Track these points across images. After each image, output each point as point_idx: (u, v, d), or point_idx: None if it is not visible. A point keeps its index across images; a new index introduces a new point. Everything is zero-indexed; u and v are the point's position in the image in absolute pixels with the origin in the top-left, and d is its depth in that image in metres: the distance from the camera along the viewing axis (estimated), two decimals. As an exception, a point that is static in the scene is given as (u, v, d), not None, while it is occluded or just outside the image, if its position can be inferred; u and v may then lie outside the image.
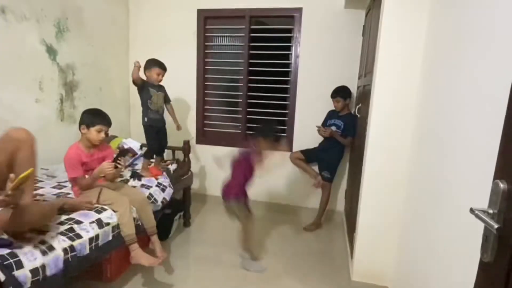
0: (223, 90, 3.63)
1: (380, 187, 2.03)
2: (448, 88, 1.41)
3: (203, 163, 3.69)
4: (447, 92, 1.41)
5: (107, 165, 1.97)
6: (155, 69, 2.65)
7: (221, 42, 3.58)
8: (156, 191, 2.39)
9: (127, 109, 3.79)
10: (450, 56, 1.43)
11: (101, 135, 2.03)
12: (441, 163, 1.39)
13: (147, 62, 2.61)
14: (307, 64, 3.30)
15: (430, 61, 1.72)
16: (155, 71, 2.65)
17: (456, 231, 1.16)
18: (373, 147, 2.02)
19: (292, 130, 3.43)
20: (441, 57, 1.55)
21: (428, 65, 1.75)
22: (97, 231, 1.77)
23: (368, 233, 2.10)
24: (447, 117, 1.38)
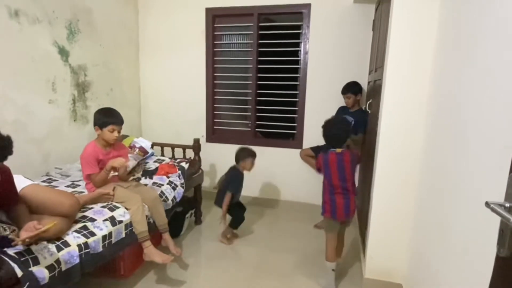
0: (232, 88, 3.63)
1: (392, 183, 2.00)
2: (462, 81, 1.38)
3: (213, 161, 3.70)
4: (461, 85, 1.38)
5: (120, 160, 2.00)
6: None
7: (229, 40, 3.59)
8: (167, 189, 2.41)
9: (138, 109, 3.83)
10: (463, 48, 1.40)
11: (114, 134, 2.06)
12: (455, 157, 1.36)
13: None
14: (316, 61, 3.27)
15: (443, 53, 1.68)
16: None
17: (471, 226, 1.13)
18: (384, 142, 1.99)
19: (302, 127, 3.41)
20: (454, 49, 1.51)
21: (441, 57, 1.71)
22: (110, 229, 1.80)
23: (380, 229, 2.08)
24: (461, 111, 1.35)
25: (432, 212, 1.62)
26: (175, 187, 2.50)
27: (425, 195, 1.76)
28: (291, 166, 3.47)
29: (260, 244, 2.78)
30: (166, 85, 3.75)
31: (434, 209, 1.59)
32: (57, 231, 1.53)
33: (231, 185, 2.63)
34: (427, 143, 1.81)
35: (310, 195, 3.47)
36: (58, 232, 1.55)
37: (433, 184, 1.64)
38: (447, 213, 1.38)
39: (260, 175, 3.58)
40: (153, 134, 3.79)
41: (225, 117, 3.72)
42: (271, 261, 2.53)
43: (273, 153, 3.54)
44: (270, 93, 3.47)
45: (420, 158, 1.89)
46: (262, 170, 3.56)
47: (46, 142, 2.62)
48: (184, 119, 3.73)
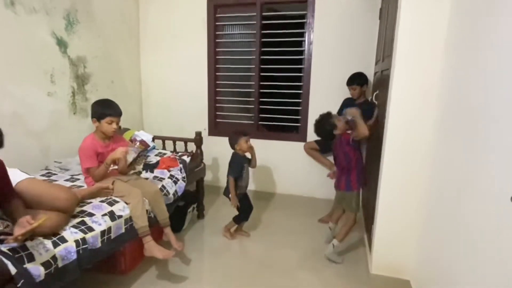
0: (234, 80, 3.56)
1: (400, 176, 1.93)
2: (476, 69, 1.29)
3: (215, 154, 3.64)
4: (477, 74, 1.30)
5: (120, 149, 1.94)
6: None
7: (232, 31, 3.50)
8: (168, 183, 2.36)
9: (139, 102, 3.77)
10: (478, 34, 1.31)
11: (112, 126, 2.00)
12: (471, 150, 1.29)
13: None
14: (321, 51, 3.18)
15: (456, 40, 1.59)
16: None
17: (493, 222, 1.06)
18: (392, 134, 1.92)
19: (306, 119, 3.33)
20: (468, 36, 1.43)
21: (453, 45, 1.62)
22: (109, 224, 1.75)
23: (387, 224, 2.02)
24: (476, 100, 1.27)
25: (444, 206, 1.55)
26: (176, 181, 2.45)
27: (437, 189, 1.69)
28: (295, 159, 3.40)
29: (264, 239, 2.73)
30: (168, 78, 3.68)
31: (447, 203, 1.51)
32: (53, 226, 1.48)
33: (231, 169, 2.52)
34: (439, 135, 1.73)
35: (314, 189, 3.41)
36: (55, 227, 1.50)
37: (446, 178, 1.57)
38: (463, 208, 1.31)
39: (264, 169, 3.52)
40: (155, 127, 3.73)
41: (228, 110, 3.65)
42: (275, 256, 2.48)
43: (277, 146, 3.47)
44: (274, 85, 3.40)
45: (431, 150, 1.81)
46: (265, 163, 3.51)
47: (46, 135, 2.58)
48: (186, 112, 3.67)
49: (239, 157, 2.55)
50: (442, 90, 1.72)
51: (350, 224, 2.31)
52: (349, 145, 2.26)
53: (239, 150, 2.54)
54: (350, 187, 2.30)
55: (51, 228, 1.49)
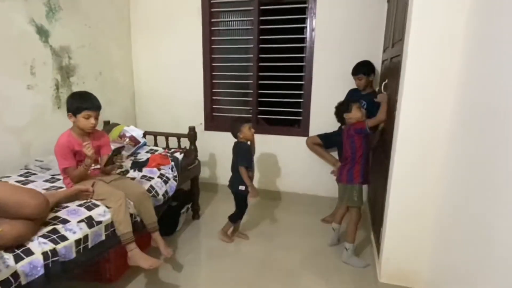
0: (231, 71, 3.34)
1: (413, 176, 1.72)
2: (505, 52, 1.07)
3: (212, 150, 3.44)
4: (505, 57, 1.08)
5: (85, 148, 1.74)
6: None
7: (228, 18, 3.27)
8: (158, 183, 2.17)
9: (132, 95, 3.57)
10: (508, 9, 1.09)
11: (90, 121, 1.80)
12: (496, 148, 1.08)
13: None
14: (324, 38, 2.95)
15: (480, 20, 1.36)
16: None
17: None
18: (404, 129, 1.70)
19: (308, 113, 3.11)
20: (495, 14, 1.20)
21: (477, 25, 1.39)
22: (86, 231, 1.56)
23: (398, 228, 1.81)
24: (506, 89, 1.05)
25: (465, 210, 1.34)
26: (167, 180, 2.25)
27: (456, 189, 1.47)
28: (297, 155, 3.20)
29: (264, 240, 2.55)
30: (161, 68, 3.46)
31: (469, 206, 1.30)
32: (18, 237, 1.30)
33: (240, 158, 2.37)
34: (458, 128, 1.51)
35: (317, 186, 3.21)
36: (20, 238, 1.31)
37: (467, 179, 1.35)
38: (488, 212, 1.10)
39: (263, 165, 3.32)
40: (148, 122, 3.54)
41: (225, 103, 3.44)
42: (275, 259, 2.30)
43: (277, 141, 3.26)
44: (273, 75, 3.17)
45: (448, 147, 1.59)
46: (265, 159, 3.31)
47: (26, 132, 2.39)
48: (181, 105, 3.46)
49: (245, 145, 2.40)
50: (463, 78, 1.50)
51: (355, 220, 2.24)
52: (358, 133, 2.19)
53: (242, 138, 2.38)
54: (352, 180, 2.23)
55: (16, 239, 1.30)
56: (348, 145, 2.25)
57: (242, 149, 2.39)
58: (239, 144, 2.41)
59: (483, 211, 1.16)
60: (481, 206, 1.18)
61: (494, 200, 1.08)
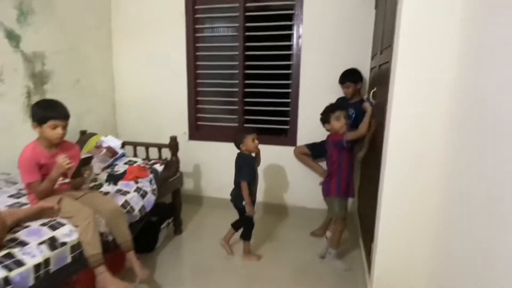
0: (217, 78, 3.22)
1: (405, 188, 1.62)
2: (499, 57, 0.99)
3: (197, 161, 3.30)
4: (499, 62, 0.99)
5: (61, 159, 1.60)
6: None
7: (213, 24, 3.17)
8: (134, 198, 2.01)
9: (112, 103, 3.41)
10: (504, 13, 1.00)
11: (57, 131, 1.66)
12: (494, 157, 0.99)
13: None
14: (311, 45, 2.87)
15: (472, 24, 1.29)
16: None
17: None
18: (395, 138, 1.60)
19: (295, 121, 3.01)
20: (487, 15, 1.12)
21: (469, 30, 1.32)
22: (48, 254, 1.40)
23: (391, 244, 1.70)
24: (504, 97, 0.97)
25: (462, 227, 1.24)
26: (144, 194, 2.10)
27: (452, 204, 1.37)
28: (284, 165, 3.08)
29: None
30: (144, 75, 3.33)
31: (466, 223, 1.20)
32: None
33: (242, 172, 2.25)
34: (452, 140, 1.42)
35: (306, 198, 3.09)
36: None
37: (465, 194, 1.25)
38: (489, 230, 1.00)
39: (250, 176, 3.20)
40: (130, 131, 3.39)
41: (210, 111, 3.32)
42: (264, 274, 2.18)
43: (264, 151, 3.11)
44: (260, 83, 3.07)
45: (442, 158, 1.50)
46: (251, 170, 3.18)
47: (-7, 142, 2.22)
48: (164, 113, 3.32)
49: (248, 157, 2.28)
50: (456, 85, 1.41)
51: (338, 229, 2.25)
52: (335, 146, 2.18)
53: (245, 150, 2.26)
54: (329, 193, 2.26)
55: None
56: (328, 156, 2.29)
57: (244, 162, 2.27)
58: (242, 156, 2.29)
59: (482, 228, 1.06)
60: (480, 222, 1.08)
61: (493, 215, 0.98)
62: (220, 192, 3.29)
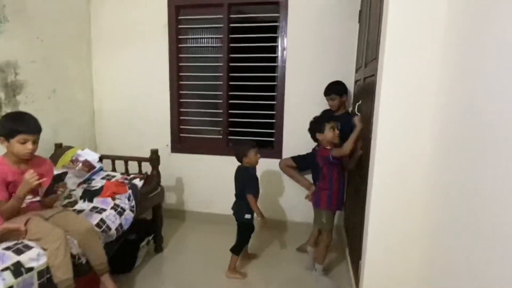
0: (200, 90, 3.16)
1: (393, 204, 1.58)
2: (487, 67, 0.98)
3: (180, 174, 3.20)
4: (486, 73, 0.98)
5: (29, 175, 1.48)
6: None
7: (196, 35, 3.12)
8: (110, 216, 1.90)
9: (91, 115, 3.28)
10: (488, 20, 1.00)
11: (27, 146, 1.54)
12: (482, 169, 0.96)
13: None
14: (296, 58, 2.85)
15: (457, 32, 1.28)
16: None
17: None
18: (382, 151, 1.57)
19: (281, 133, 2.97)
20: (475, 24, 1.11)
21: (455, 38, 1.31)
22: (11, 282, 1.28)
23: (379, 263, 1.64)
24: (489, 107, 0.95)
25: (452, 239, 1.20)
26: (121, 211, 1.99)
27: (441, 219, 1.34)
28: (270, 178, 3.02)
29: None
30: (125, 86, 3.23)
31: (456, 235, 1.17)
32: None
33: (248, 186, 2.24)
34: (440, 150, 1.39)
35: (291, 211, 3.03)
36: None
37: (454, 204, 1.22)
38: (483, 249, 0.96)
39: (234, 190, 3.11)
40: (109, 144, 3.26)
41: (194, 123, 3.24)
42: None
43: (249, 164, 3.08)
44: (244, 95, 3.02)
45: (430, 169, 1.47)
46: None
47: (-43, 157, 2.06)
48: (146, 125, 3.21)
49: (252, 171, 2.30)
50: (442, 95, 1.40)
51: (325, 242, 2.22)
52: (324, 161, 2.17)
53: (247, 163, 2.27)
54: (318, 204, 2.23)
55: None
56: (319, 169, 2.26)
57: (250, 175, 2.27)
58: (245, 170, 2.29)
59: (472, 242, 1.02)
60: (469, 236, 1.05)
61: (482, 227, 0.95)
62: (204, 206, 3.20)
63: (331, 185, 2.18)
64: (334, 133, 2.15)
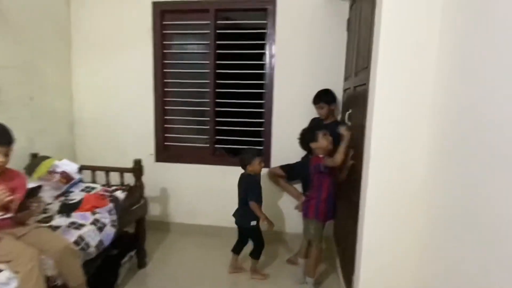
0: (186, 97, 3.07)
1: (389, 217, 1.54)
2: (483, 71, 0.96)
3: (164, 184, 3.08)
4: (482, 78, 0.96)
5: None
6: None
7: (182, 41, 3.04)
8: (89, 232, 1.78)
9: (70, 123, 3.13)
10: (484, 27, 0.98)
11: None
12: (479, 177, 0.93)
13: None
14: (284, 65, 2.82)
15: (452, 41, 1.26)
16: None
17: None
18: (376, 162, 1.52)
19: (269, 142, 2.91)
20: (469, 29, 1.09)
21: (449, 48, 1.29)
22: (-25, 311, 1.15)
23: (374, 278, 1.59)
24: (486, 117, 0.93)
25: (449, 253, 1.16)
26: (102, 227, 1.87)
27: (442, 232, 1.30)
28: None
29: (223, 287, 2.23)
30: (107, 93, 3.10)
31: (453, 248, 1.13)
32: None
33: (251, 192, 2.29)
34: (436, 161, 1.36)
35: (280, 222, 2.96)
36: None
37: (451, 215, 1.19)
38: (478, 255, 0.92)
39: (221, 200, 3.03)
40: (89, 154, 3.12)
41: (179, 131, 3.14)
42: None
43: (237, 173, 2.94)
44: (232, 102, 2.95)
45: (428, 181, 1.43)
46: (223, 194, 3.01)
47: None
48: (129, 134, 3.09)
49: (255, 178, 2.35)
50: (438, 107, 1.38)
51: (315, 254, 2.18)
52: (316, 170, 2.13)
53: (251, 170, 2.32)
54: (307, 214, 2.19)
55: None
56: (310, 178, 2.22)
57: (252, 182, 2.33)
58: (248, 177, 2.34)
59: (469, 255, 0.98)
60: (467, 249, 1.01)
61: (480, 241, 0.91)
62: (190, 217, 3.09)
63: (319, 194, 2.15)
64: (328, 140, 2.14)
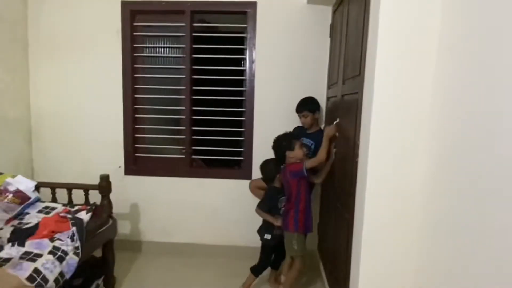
0: (160, 104, 2.84)
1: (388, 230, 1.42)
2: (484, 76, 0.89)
3: (135, 199, 2.82)
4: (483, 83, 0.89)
5: None
6: None
7: (154, 44, 2.82)
8: (47, 264, 1.51)
9: (27, 134, 2.79)
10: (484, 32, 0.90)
11: None
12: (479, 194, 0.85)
13: None
14: (265, 71, 2.68)
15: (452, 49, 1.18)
16: None
17: None
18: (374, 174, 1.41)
19: (250, 152, 2.75)
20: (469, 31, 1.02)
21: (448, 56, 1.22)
22: None
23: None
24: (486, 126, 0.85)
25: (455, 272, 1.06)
26: (63, 256, 1.60)
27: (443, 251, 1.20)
28: (239, 201, 2.78)
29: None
30: (69, 100, 2.80)
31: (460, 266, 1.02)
32: None
33: (262, 201, 2.28)
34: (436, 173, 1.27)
35: (264, 237, 2.78)
36: None
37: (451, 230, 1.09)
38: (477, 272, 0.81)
39: (198, 216, 2.82)
40: (49, 169, 2.81)
41: (151, 142, 2.90)
42: None
43: (216, 185, 2.82)
44: (210, 110, 2.77)
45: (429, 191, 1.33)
46: (200, 208, 2.82)
47: None
48: (95, 145, 2.81)
49: (275, 189, 2.21)
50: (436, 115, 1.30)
51: (297, 267, 2.06)
52: (293, 176, 2.02)
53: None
54: (287, 227, 2.06)
55: None
56: (286, 188, 2.10)
57: (269, 191, 2.25)
58: (270, 188, 2.26)
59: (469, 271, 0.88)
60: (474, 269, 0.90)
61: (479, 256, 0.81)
62: (163, 235, 2.85)
63: (297, 202, 2.03)
64: (303, 152, 2.07)
